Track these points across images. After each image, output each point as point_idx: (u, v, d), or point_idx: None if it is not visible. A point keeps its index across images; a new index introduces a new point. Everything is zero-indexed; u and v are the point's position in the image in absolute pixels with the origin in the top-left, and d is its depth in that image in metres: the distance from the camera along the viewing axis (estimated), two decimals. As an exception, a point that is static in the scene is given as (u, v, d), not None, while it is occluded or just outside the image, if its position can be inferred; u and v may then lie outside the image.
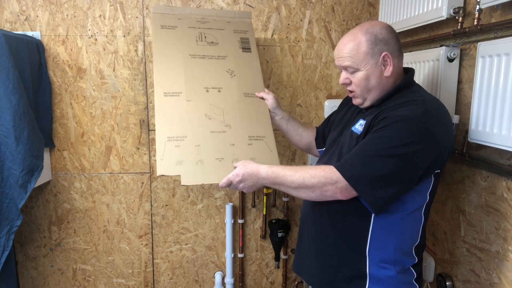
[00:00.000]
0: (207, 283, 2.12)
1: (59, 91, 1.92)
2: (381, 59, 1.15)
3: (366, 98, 1.19)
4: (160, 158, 1.30)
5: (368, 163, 1.05)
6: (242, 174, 1.19)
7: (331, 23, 1.96)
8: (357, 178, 1.05)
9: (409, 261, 1.17)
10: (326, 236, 1.22)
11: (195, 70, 1.51)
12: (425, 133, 1.04)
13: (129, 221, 2.03)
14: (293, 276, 2.15)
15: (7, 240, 1.55)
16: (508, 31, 1.14)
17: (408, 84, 1.18)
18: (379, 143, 1.05)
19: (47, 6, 1.86)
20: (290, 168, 1.15)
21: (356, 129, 1.19)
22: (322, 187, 1.08)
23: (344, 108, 1.41)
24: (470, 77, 1.33)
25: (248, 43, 1.66)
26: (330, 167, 1.09)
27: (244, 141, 1.42)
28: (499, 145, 1.12)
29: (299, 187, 1.12)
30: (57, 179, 1.98)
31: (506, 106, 1.09)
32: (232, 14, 1.73)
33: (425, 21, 1.46)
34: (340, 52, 1.18)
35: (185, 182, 1.30)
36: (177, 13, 1.63)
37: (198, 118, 1.41)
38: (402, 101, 1.11)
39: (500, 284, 1.21)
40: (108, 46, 1.91)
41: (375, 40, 1.15)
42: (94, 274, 2.07)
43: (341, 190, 1.07)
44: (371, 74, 1.16)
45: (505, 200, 1.18)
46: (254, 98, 1.53)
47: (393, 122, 1.05)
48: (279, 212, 2.09)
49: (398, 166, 1.04)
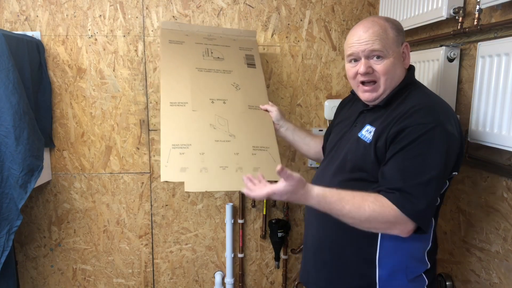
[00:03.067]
0: (207, 283, 2.12)
1: (59, 91, 1.92)
2: (402, 48, 1.10)
3: (387, 90, 1.10)
4: (164, 164, 1.30)
5: (426, 193, 0.98)
6: (286, 198, 1.04)
7: (331, 23, 1.96)
8: (424, 216, 0.99)
9: (421, 267, 1.11)
10: (332, 245, 1.16)
11: (201, 83, 1.53)
12: (450, 137, 1.00)
13: (129, 221, 2.03)
14: (293, 276, 2.15)
15: (7, 240, 1.55)
16: (508, 31, 1.15)
17: (412, 81, 1.14)
18: (423, 164, 0.98)
19: (47, 6, 1.86)
20: (348, 201, 1.00)
21: (364, 136, 1.11)
22: (388, 228, 1.01)
23: (343, 109, 1.36)
24: (470, 77, 1.33)
25: (253, 60, 1.69)
26: (392, 206, 0.97)
27: (248, 151, 1.42)
28: (499, 145, 1.12)
29: (360, 223, 1.01)
30: (57, 179, 1.98)
31: (506, 106, 1.09)
32: (238, 32, 1.76)
33: (425, 21, 1.46)
34: (363, 36, 1.07)
35: (189, 188, 1.31)
36: (184, 30, 1.67)
37: (203, 127, 1.42)
38: (412, 105, 1.04)
39: (500, 284, 1.21)
40: (108, 46, 1.91)
41: (398, 28, 1.10)
42: (94, 274, 2.07)
43: (409, 231, 1.00)
44: (397, 62, 1.09)
45: (505, 200, 1.18)
46: (258, 110, 1.54)
47: (420, 134, 0.98)
48: (279, 212, 2.09)
49: (442, 178, 1.01)
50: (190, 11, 1.91)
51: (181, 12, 1.91)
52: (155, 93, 1.94)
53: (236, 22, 1.93)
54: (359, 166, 1.10)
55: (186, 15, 1.91)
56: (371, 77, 1.10)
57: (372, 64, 1.09)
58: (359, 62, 1.10)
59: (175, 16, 1.91)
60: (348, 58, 1.14)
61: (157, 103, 1.95)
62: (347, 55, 1.14)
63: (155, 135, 1.98)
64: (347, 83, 2.00)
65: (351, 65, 1.14)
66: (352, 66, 1.13)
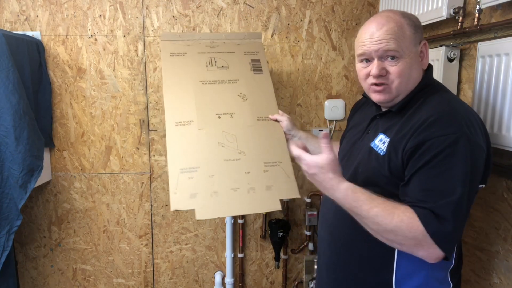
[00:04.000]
0: (207, 283, 2.12)
1: (59, 91, 1.92)
2: (420, 47, 0.99)
3: (401, 93, 1.00)
4: (173, 192, 1.26)
5: (455, 213, 0.86)
6: (313, 174, 0.95)
7: (331, 23, 1.96)
8: (448, 239, 0.87)
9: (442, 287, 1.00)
10: (344, 264, 1.07)
11: (206, 97, 1.47)
12: (476, 147, 0.89)
13: (129, 221, 2.03)
14: (293, 276, 2.15)
15: (7, 240, 1.55)
16: (508, 31, 1.14)
17: (429, 82, 1.02)
18: (449, 182, 0.87)
19: (47, 6, 1.86)
20: (378, 203, 0.90)
21: (377, 146, 1.00)
22: (413, 247, 0.88)
23: (356, 114, 1.26)
24: (470, 77, 1.33)
25: (260, 65, 1.62)
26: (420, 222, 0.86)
27: (259, 168, 1.35)
28: (499, 145, 1.12)
29: (384, 231, 0.89)
30: (57, 179, 1.98)
31: (506, 106, 1.09)
32: (242, 35, 1.69)
33: (425, 21, 1.46)
34: (376, 33, 0.96)
35: (200, 216, 1.24)
36: (185, 39, 1.60)
37: (210, 147, 1.37)
38: (431, 113, 0.92)
39: (500, 284, 1.21)
40: (108, 46, 1.91)
41: (415, 26, 0.98)
42: (94, 274, 2.07)
43: (437, 257, 0.87)
44: (414, 63, 0.98)
45: (505, 200, 1.18)
46: (268, 121, 1.47)
47: (443, 148, 0.87)
48: (279, 212, 2.09)
49: (470, 195, 0.89)
50: (190, 11, 1.91)
51: (181, 12, 1.91)
52: (155, 93, 1.94)
53: (236, 22, 1.93)
54: (371, 180, 1.00)
55: (186, 15, 1.91)
56: (383, 79, 0.99)
57: (386, 65, 0.98)
58: (372, 62, 1.00)
59: (175, 16, 1.91)
60: (359, 58, 1.03)
61: (157, 103, 1.95)
62: (358, 55, 1.03)
63: (155, 135, 1.98)
64: (347, 83, 2.00)
65: (363, 65, 1.03)
66: (364, 67, 1.02)
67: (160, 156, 1.99)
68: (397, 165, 0.94)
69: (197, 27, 1.92)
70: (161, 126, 1.97)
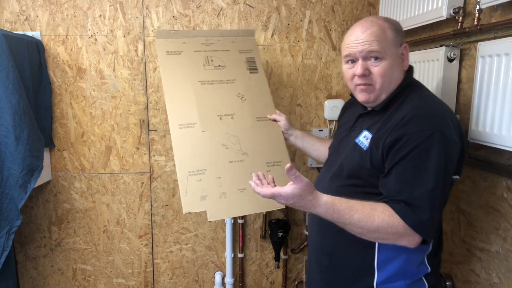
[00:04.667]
0: (207, 283, 2.12)
1: (59, 91, 1.92)
2: (401, 50, 1.08)
3: (384, 92, 1.08)
4: (184, 194, 1.29)
5: (430, 203, 0.96)
6: (292, 203, 1.00)
7: (331, 23, 1.96)
8: (427, 227, 0.97)
9: (421, 271, 1.10)
10: (331, 250, 1.17)
11: (206, 98, 1.49)
12: (449, 142, 0.98)
13: (129, 221, 2.03)
14: (293, 276, 2.15)
15: (7, 240, 1.55)
16: (508, 31, 1.15)
17: (410, 83, 1.11)
18: (424, 174, 0.96)
19: (47, 6, 1.86)
20: (357, 209, 0.98)
21: (361, 142, 1.10)
22: (396, 239, 0.98)
23: (345, 113, 1.35)
24: (470, 77, 1.33)
25: (255, 63, 1.64)
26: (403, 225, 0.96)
27: (262, 169, 1.40)
28: (499, 145, 1.12)
29: (368, 232, 0.99)
30: (57, 179, 1.98)
31: (506, 106, 1.09)
32: (236, 33, 1.71)
33: (425, 21, 1.46)
34: (361, 36, 1.05)
35: (212, 218, 1.30)
36: (181, 37, 1.61)
37: (215, 149, 1.40)
38: (408, 111, 1.01)
39: (500, 284, 1.21)
40: (108, 46, 1.91)
41: (397, 29, 1.08)
42: (94, 274, 2.07)
43: (416, 243, 0.99)
44: (395, 64, 1.07)
45: (505, 200, 1.18)
46: (266, 121, 1.52)
47: (418, 143, 0.96)
48: (279, 212, 2.09)
49: (444, 186, 0.99)
50: (190, 11, 1.91)
51: (181, 12, 1.91)
52: (155, 93, 1.94)
53: (236, 22, 1.93)
54: (354, 173, 1.09)
55: (186, 15, 1.91)
56: (367, 80, 1.08)
57: (369, 65, 1.06)
58: (356, 63, 1.08)
59: (175, 16, 1.91)
60: (345, 59, 1.12)
61: (157, 103, 1.95)
62: (344, 56, 1.12)
63: (155, 135, 1.98)
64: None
65: (348, 66, 1.12)
66: (349, 68, 1.11)
67: (160, 156, 1.99)
68: (377, 159, 1.03)
69: (197, 27, 1.92)
70: (161, 126, 1.97)
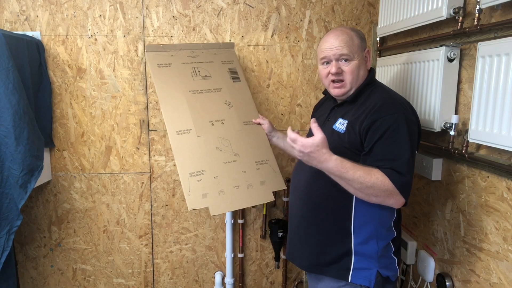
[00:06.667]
0: (207, 283, 2.12)
1: (59, 91, 1.92)
2: (365, 53, 1.34)
3: (353, 87, 1.32)
4: (187, 194, 1.44)
5: (409, 168, 1.17)
6: (309, 153, 1.16)
7: (331, 23, 1.96)
8: (408, 188, 1.18)
9: (389, 235, 1.30)
10: (313, 220, 1.33)
11: (198, 106, 1.63)
12: (411, 122, 1.22)
13: (129, 221, 2.03)
14: (293, 276, 2.15)
15: (7, 240, 1.55)
16: (508, 31, 1.14)
17: (373, 80, 1.36)
18: (400, 147, 1.18)
19: (47, 6, 1.86)
20: (359, 167, 1.17)
21: (338, 127, 1.30)
22: (386, 197, 1.17)
23: (318, 110, 1.56)
24: (470, 77, 1.33)
25: (237, 73, 1.80)
26: (388, 178, 1.15)
27: (253, 167, 1.60)
28: (499, 145, 1.12)
29: (365, 188, 1.16)
30: (57, 179, 1.98)
31: (506, 106, 1.09)
32: (217, 45, 1.85)
33: (425, 21, 1.46)
34: (334, 42, 1.30)
35: (214, 212, 1.46)
36: (168, 50, 1.73)
37: (210, 152, 1.56)
38: (377, 100, 1.24)
39: (500, 284, 1.21)
40: (108, 46, 1.91)
41: (361, 37, 1.34)
42: (94, 274, 2.07)
43: (401, 203, 1.19)
44: (361, 65, 1.32)
45: (505, 200, 1.18)
46: (252, 125, 1.69)
47: (391, 124, 1.19)
48: (279, 212, 2.09)
49: (414, 156, 1.22)
50: (190, 11, 1.91)
51: (181, 12, 1.91)
52: (155, 93, 1.94)
53: (236, 22, 1.93)
54: (335, 152, 1.23)
55: (186, 15, 1.91)
56: (340, 76, 1.31)
57: (341, 65, 1.30)
58: (330, 64, 1.32)
59: (175, 16, 1.91)
60: (321, 61, 1.35)
61: (157, 103, 1.95)
62: (320, 58, 1.35)
63: (155, 135, 1.98)
64: (347, 83, 2.00)
65: (324, 66, 1.35)
66: (325, 68, 1.34)
67: (160, 156, 1.99)
68: (355, 140, 1.24)
69: (197, 27, 1.92)
70: (161, 126, 1.97)
